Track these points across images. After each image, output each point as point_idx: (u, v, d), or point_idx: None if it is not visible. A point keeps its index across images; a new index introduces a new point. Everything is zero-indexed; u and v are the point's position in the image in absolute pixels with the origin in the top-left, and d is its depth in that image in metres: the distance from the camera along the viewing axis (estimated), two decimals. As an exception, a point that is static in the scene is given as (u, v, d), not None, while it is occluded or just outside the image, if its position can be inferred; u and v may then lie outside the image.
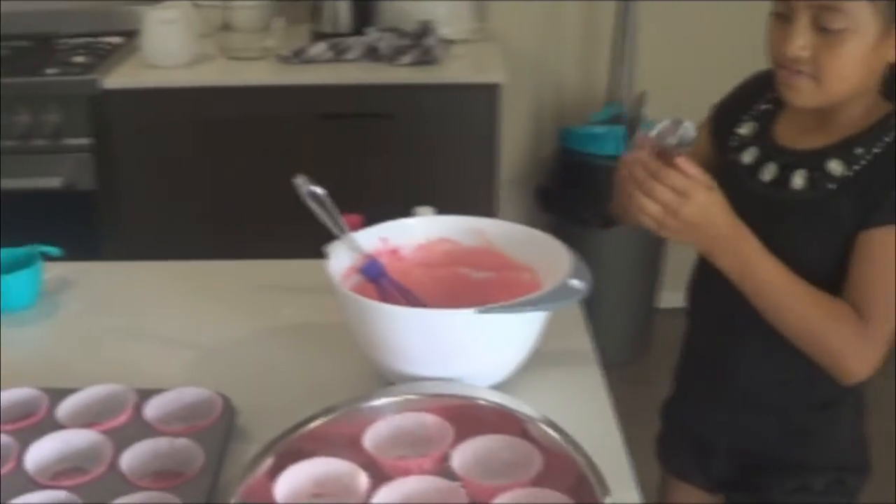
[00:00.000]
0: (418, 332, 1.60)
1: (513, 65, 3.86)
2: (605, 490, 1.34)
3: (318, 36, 3.81)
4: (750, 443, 2.05)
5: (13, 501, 1.36)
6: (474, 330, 1.57)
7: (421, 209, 1.93)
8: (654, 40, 4.26)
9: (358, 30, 3.80)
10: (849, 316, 1.76)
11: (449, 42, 3.77)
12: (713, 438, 2.11)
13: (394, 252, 1.84)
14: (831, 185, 1.80)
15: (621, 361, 4.33)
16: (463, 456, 1.45)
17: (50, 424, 1.54)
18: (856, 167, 1.79)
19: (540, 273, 1.75)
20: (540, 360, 1.72)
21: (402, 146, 3.52)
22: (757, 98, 1.97)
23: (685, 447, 2.19)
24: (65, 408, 1.58)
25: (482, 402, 1.54)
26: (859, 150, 1.79)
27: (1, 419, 1.56)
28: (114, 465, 1.44)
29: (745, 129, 1.97)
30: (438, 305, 1.73)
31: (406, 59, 3.57)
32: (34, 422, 1.55)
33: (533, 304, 1.58)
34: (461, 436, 1.48)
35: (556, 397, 1.68)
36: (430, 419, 1.52)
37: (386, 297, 1.73)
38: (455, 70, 3.60)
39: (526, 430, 1.48)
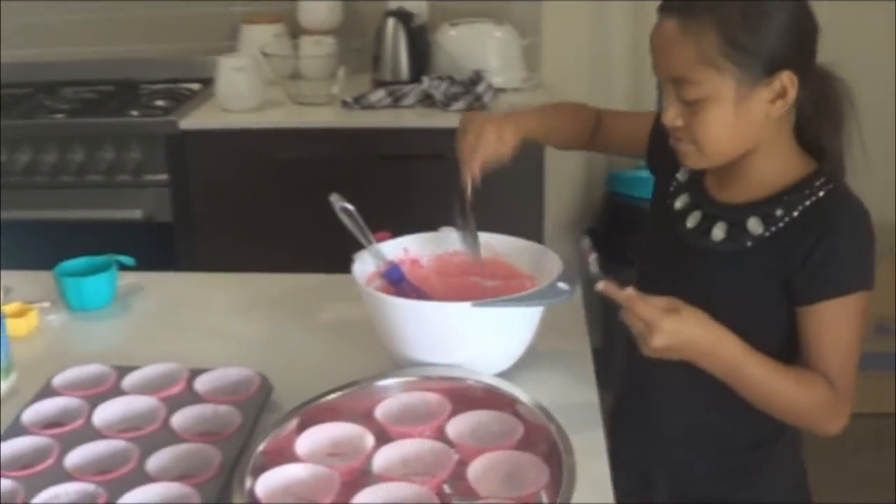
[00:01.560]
0: (423, 323, 1.87)
1: (562, 113, 4.09)
2: (570, 452, 1.57)
3: (379, 83, 4.06)
4: (685, 479, 2.07)
5: (83, 446, 1.67)
6: (471, 322, 1.83)
7: (443, 228, 2.18)
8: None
9: (415, 78, 4.05)
10: (823, 386, 1.81)
11: (500, 90, 4.00)
12: (652, 471, 2.13)
13: (414, 261, 2.12)
14: (748, 242, 1.86)
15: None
16: (457, 426, 1.69)
17: (116, 392, 1.85)
18: (773, 228, 1.83)
19: (539, 280, 1.97)
20: (542, 356, 1.98)
21: (453, 186, 3.74)
22: None
23: (625, 475, 2.05)
24: (129, 380, 1.89)
25: (474, 382, 1.80)
26: (779, 212, 1.83)
27: (75, 387, 1.88)
28: (166, 424, 1.74)
29: (681, 175, 2.03)
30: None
31: (458, 105, 3.79)
32: (102, 390, 1.87)
33: (521, 301, 1.83)
34: (457, 411, 1.73)
35: (551, 386, 1.90)
36: (431, 397, 1.77)
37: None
38: (503, 116, 3.83)
39: (514, 408, 1.73)
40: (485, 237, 2.12)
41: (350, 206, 2.03)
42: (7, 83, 4.47)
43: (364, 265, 2.03)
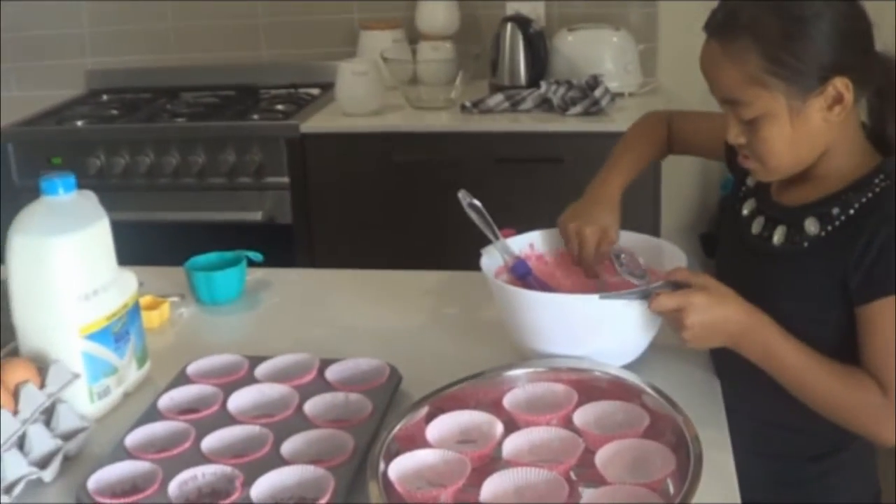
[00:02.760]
0: (551, 315, 1.89)
1: (680, 117, 4.07)
2: (698, 442, 1.57)
3: (497, 88, 4.08)
4: (740, 486, 1.76)
5: (218, 431, 1.72)
6: (598, 314, 1.85)
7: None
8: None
9: (533, 83, 4.06)
10: (871, 388, 1.75)
11: (617, 95, 4.01)
12: None
13: (539, 257, 2.15)
14: (805, 243, 1.84)
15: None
16: (584, 415, 1.71)
17: (249, 380, 1.90)
18: (829, 227, 1.81)
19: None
20: (666, 349, 1.98)
21: (571, 189, 3.75)
22: None
23: None
24: (261, 369, 1.93)
25: (600, 373, 1.82)
26: (836, 211, 1.81)
27: (209, 375, 1.93)
28: (299, 411, 1.78)
29: (750, 181, 2.03)
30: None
31: (576, 109, 3.81)
32: (236, 378, 1.91)
33: (647, 293, 1.83)
34: (584, 401, 1.74)
35: (675, 379, 1.89)
36: (559, 387, 1.79)
37: (530, 292, 2.01)
38: (620, 120, 3.78)
39: (641, 399, 1.74)
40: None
41: (477, 203, 2.06)
42: (129, 88, 4.60)
43: (491, 259, 2.06)
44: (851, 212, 1.80)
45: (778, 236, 1.89)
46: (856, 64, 1.76)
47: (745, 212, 2.00)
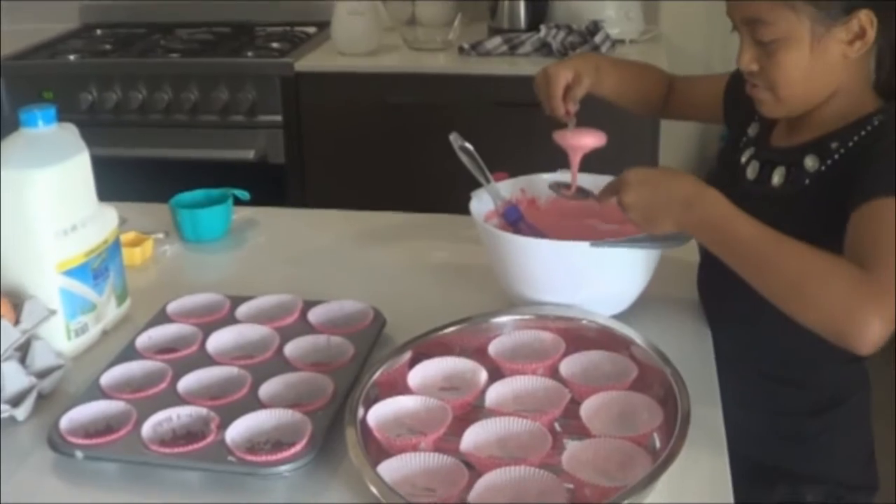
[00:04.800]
0: (541, 261, 1.85)
1: (680, 65, 3.99)
2: (686, 395, 1.54)
3: (495, 31, 4.03)
4: (740, 437, 1.68)
5: (196, 372, 1.68)
6: (589, 262, 1.81)
7: (562, 170, 2.15)
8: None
9: (532, 27, 4.01)
10: (847, 268, 1.53)
11: (618, 41, 3.95)
12: None
13: (531, 202, 2.10)
14: (806, 181, 1.78)
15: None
16: (570, 365, 1.68)
17: (229, 321, 1.86)
18: (829, 161, 1.76)
19: (658, 225, 1.96)
20: (656, 301, 1.95)
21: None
22: None
23: None
24: (242, 309, 1.90)
25: (588, 323, 1.78)
26: (834, 145, 1.76)
27: (189, 315, 1.90)
28: (279, 353, 1.75)
29: (752, 130, 1.97)
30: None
31: (575, 55, 3.77)
32: (216, 318, 1.88)
33: (639, 242, 1.79)
34: (571, 351, 1.71)
35: (665, 331, 1.84)
36: (546, 336, 1.76)
37: (521, 237, 1.97)
38: (620, 66, 3.79)
39: (629, 350, 1.71)
40: (602, 179, 2.07)
41: (469, 146, 2.02)
42: (123, 23, 4.54)
43: (481, 203, 2.01)
44: (850, 144, 1.75)
45: (777, 177, 1.84)
46: (882, 1, 1.71)
47: (742, 160, 1.94)
